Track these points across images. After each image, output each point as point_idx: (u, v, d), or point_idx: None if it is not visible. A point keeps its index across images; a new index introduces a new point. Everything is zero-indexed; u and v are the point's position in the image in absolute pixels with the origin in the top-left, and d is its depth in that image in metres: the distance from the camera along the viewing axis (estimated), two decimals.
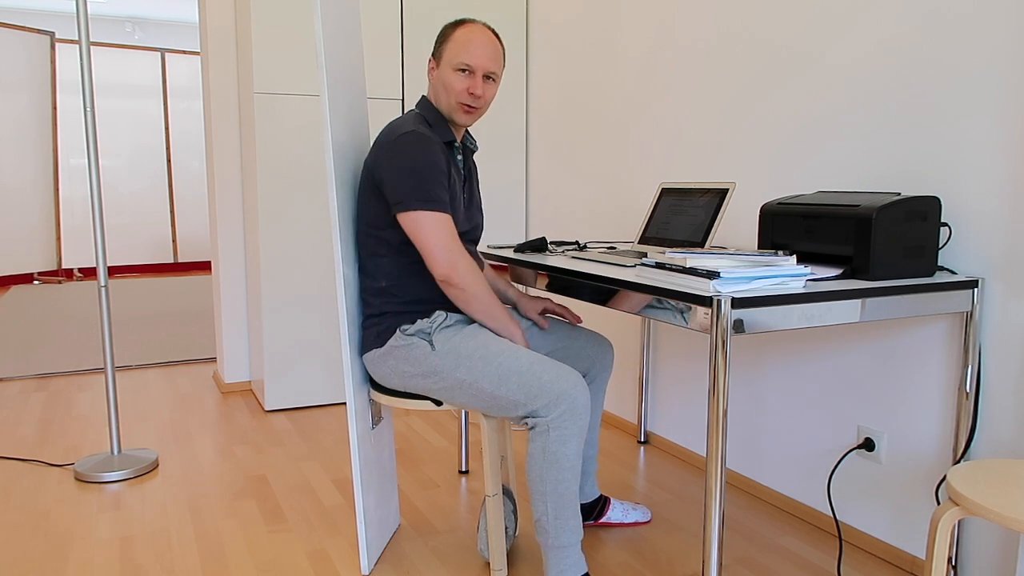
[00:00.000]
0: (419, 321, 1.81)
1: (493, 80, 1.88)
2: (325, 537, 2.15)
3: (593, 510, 2.21)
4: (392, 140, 1.78)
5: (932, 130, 1.86)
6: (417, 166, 1.75)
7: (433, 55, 1.91)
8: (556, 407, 1.66)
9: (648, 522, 2.27)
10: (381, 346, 1.83)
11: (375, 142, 1.85)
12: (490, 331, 1.83)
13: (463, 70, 1.83)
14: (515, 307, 2.09)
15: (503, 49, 1.90)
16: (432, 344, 1.77)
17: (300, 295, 3.28)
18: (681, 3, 2.64)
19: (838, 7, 2.08)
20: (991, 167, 1.74)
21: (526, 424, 1.72)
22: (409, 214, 1.75)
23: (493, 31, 1.88)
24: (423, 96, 1.94)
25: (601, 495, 2.24)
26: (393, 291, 1.84)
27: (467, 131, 2.01)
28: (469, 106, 1.85)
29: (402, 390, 1.85)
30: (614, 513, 2.22)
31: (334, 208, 1.82)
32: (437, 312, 1.83)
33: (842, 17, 2.07)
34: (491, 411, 1.75)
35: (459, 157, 1.93)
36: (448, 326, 1.81)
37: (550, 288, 1.95)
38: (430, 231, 1.74)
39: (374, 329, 1.85)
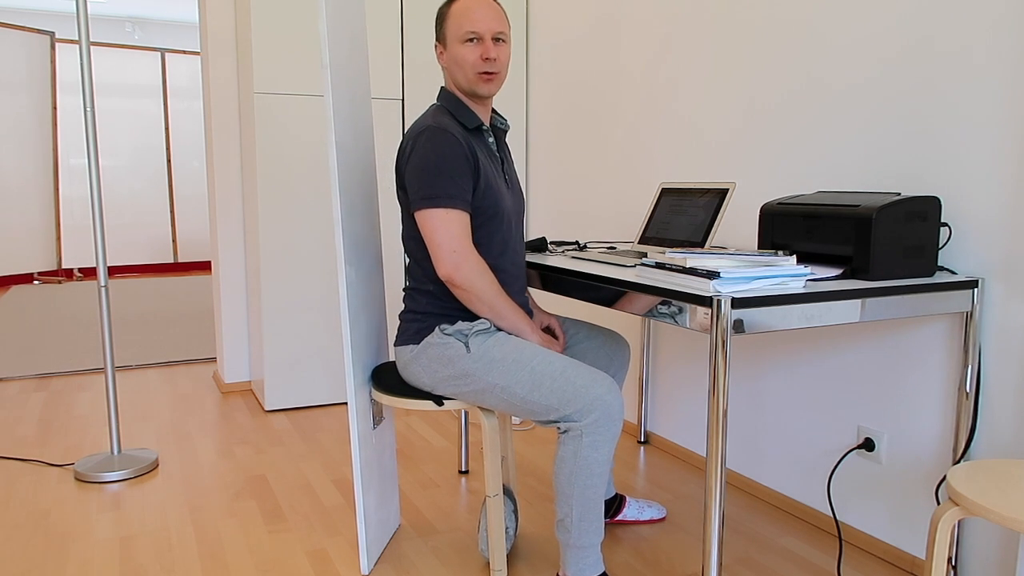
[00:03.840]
0: (459, 323, 1.79)
1: (503, 41, 1.82)
2: (325, 537, 2.15)
3: (609, 508, 2.22)
4: (411, 141, 1.77)
5: (932, 130, 1.86)
6: (427, 163, 1.72)
7: (437, 39, 1.86)
8: (590, 413, 1.65)
9: (663, 519, 2.27)
10: (417, 343, 1.82)
11: (400, 154, 1.84)
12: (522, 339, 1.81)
13: (471, 39, 1.78)
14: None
15: (503, 9, 1.86)
16: (468, 346, 1.76)
17: (300, 295, 3.28)
18: (682, 5, 2.64)
19: (839, 9, 2.08)
20: (991, 167, 1.74)
21: (557, 427, 1.71)
22: (419, 212, 1.74)
23: None
24: (442, 87, 1.90)
25: (617, 493, 2.24)
26: (439, 295, 1.82)
27: (495, 111, 1.96)
28: (487, 73, 1.80)
29: (430, 391, 1.84)
30: (629, 511, 2.23)
31: (337, 208, 1.82)
32: (481, 319, 1.81)
33: (843, 18, 2.07)
34: (521, 415, 1.74)
35: (491, 140, 1.89)
36: (485, 330, 1.79)
37: (550, 288, 1.95)
38: (435, 229, 1.72)
39: (414, 324, 1.84)
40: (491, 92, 1.83)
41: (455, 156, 1.73)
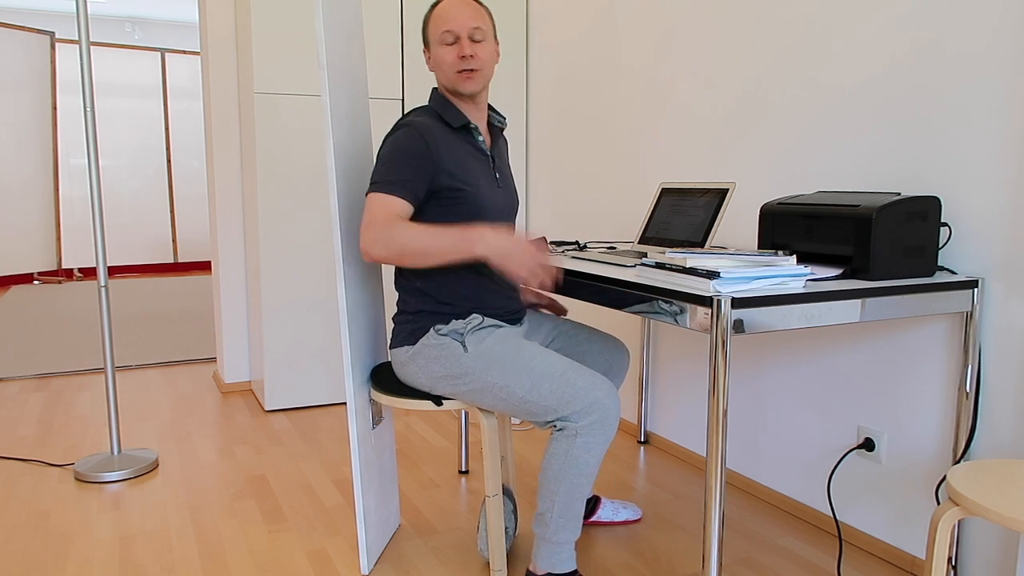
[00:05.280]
0: (453, 322, 1.79)
1: (482, 40, 1.82)
2: (325, 537, 2.15)
3: (584, 508, 2.21)
4: (384, 139, 1.81)
5: (932, 130, 1.86)
6: (384, 156, 1.75)
7: (424, 44, 1.89)
8: (587, 415, 1.65)
9: (639, 520, 2.27)
10: (413, 344, 1.82)
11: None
12: (522, 338, 1.80)
13: (448, 42, 1.80)
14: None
15: (486, 9, 1.86)
16: (465, 346, 1.76)
17: (300, 295, 3.28)
18: (683, 5, 2.64)
19: (840, 9, 2.08)
20: (991, 167, 1.74)
21: (554, 426, 1.71)
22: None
23: None
24: (433, 88, 1.91)
25: (593, 494, 2.24)
26: (428, 291, 1.82)
27: (492, 109, 1.96)
28: (466, 70, 1.80)
29: (427, 391, 1.84)
30: (604, 512, 2.23)
31: (335, 208, 1.82)
32: (473, 315, 1.81)
33: (843, 18, 2.07)
34: (519, 415, 1.74)
35: (480, 138, 1.89)
36: (482, 328, 1.79)
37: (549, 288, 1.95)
38: (368, 208, 1.71)
39: (408, 326, 1.84)
40: (473, 90, 1.83)
41: (411, 152, 1.73)
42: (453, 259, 1.65)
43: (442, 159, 1.76)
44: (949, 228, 1.83)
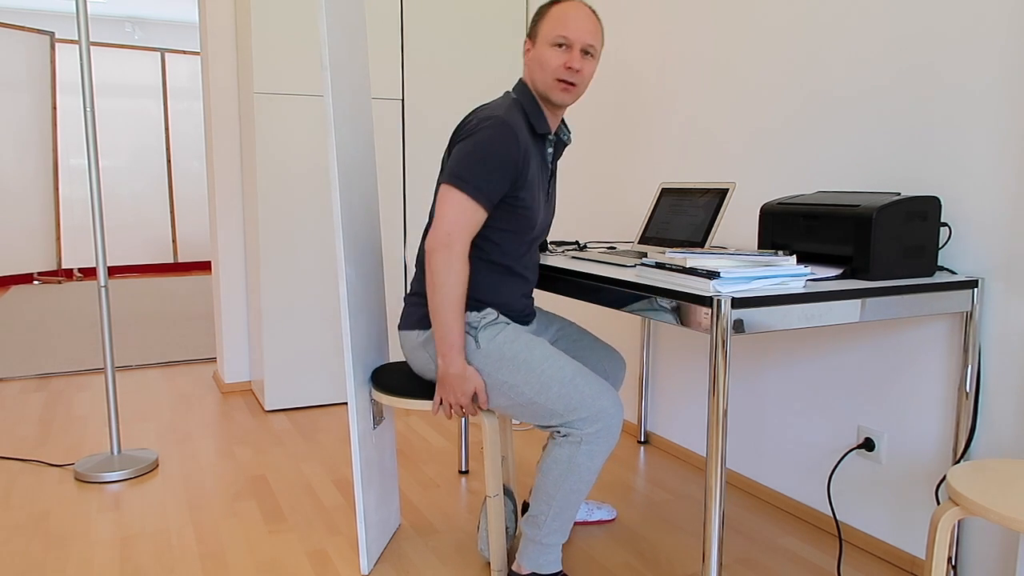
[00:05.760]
0: (468, 314, 1.76)
1: (592, 56, 1.79)
2: (325, 537, 2.15)
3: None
4: (479, 122, 1.72)
5: (932, 130, 1.86)
6: (479, 149, 1.68)
7: (528, 35, 1.83)
8: (593, 423, 1.65)
9: (613, 520, 2.27)
10: (425, 328, 1.79)
11: (460, 127, 1.78)
12: (533, 336, 1.78)
13: (560, 44, 1.75)
14: None
15: (602, 27, 1.82)
16: (477, 341, 1.74)
17: (300, 295, 3.29)
18: (683, 5, 2.64)
19: (838, 9, 2.08)
20: (991, 167, 1.74)
21: (557, 432, 1.70)
22: (445, 185, 1.70)
23: (591, 8, 1.80)
24: (520, 79, 1.85)
25: None
26: None
27: (563, 122, 1.92)
28: (566, 82, 1.76)
29: (433, 380, 1.82)
30: (579, 512, 2.23)
31: (337, 208, 1.82)
32: (488, 309, 1.78)
33: (842, 18, 2.08)
34: (524, 417, 1.73)
35: (550, 151, 1.87)
36: (494, 323, 1.77)
37: (549, 288, 1.95)
38: (450, 206, 1.67)
39: (421, 309, 1.81)
40: (565, 102, 1.80)
41: (506, 158, 1.69)
42: (435, 331, 1.71)
43: (526, 169, 1.73)
44: (949, 228, 1.83)
